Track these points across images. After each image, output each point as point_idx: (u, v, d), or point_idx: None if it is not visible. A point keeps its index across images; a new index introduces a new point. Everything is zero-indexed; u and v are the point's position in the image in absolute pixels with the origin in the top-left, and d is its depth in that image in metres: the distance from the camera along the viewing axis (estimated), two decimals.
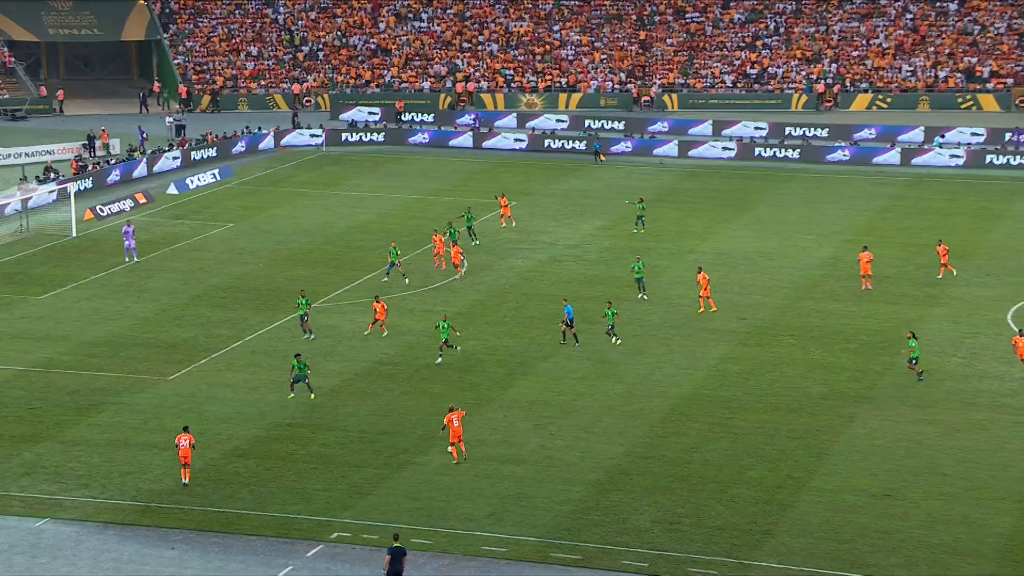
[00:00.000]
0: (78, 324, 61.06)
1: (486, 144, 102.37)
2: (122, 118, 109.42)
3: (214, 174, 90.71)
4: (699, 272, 62.72)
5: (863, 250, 66.31)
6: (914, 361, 53.69)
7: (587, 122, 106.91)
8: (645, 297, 63.54)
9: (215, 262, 71.05)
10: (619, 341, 57.71)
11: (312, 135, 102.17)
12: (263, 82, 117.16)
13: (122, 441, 48.11)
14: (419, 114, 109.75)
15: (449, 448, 46.34)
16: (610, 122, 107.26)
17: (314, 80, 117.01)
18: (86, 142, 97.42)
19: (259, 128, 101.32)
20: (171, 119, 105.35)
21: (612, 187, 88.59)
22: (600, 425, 49.64)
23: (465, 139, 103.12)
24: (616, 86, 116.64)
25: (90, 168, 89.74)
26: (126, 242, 70.93)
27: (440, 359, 55.64)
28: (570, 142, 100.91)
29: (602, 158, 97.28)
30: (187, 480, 44.49)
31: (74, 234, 76.29)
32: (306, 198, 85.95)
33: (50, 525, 42.20)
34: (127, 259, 70.64)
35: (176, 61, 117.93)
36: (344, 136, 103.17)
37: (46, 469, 45.94)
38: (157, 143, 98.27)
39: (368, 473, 45.58)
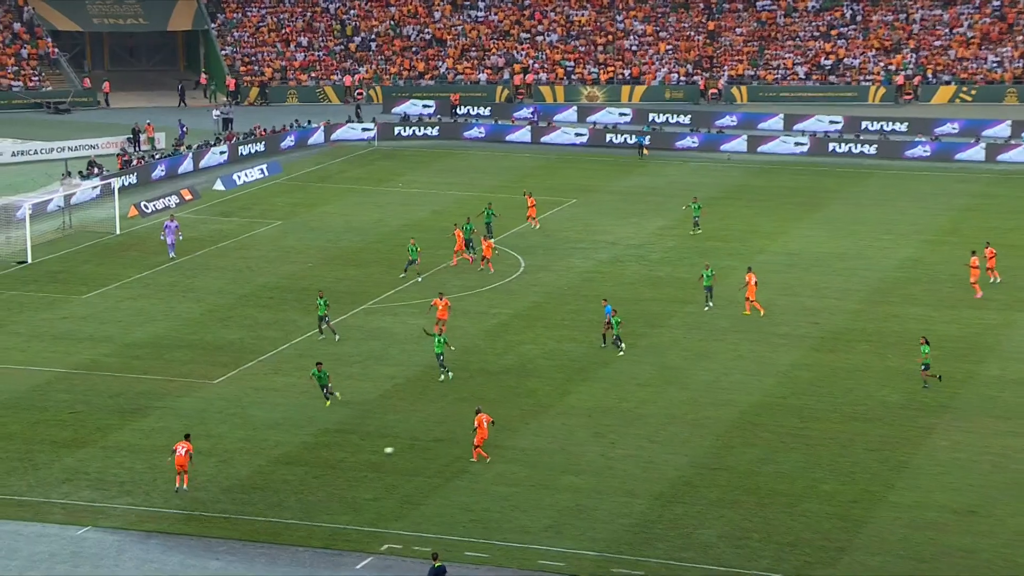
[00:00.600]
0: (122, 325, 60.74)
1: (545, 139, 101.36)
2: (168, 111, 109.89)
3: (262, 169, 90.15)
4: (748, 271, 61.33)
5: (972, 254, 64.56)
6: (927, 367, 52.58)
7: (651, 116, 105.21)
8: (711, 306, 61.97)
9: (263, 261, 70.56)
10: (622, 352, 56.35)
11: (364, 129, 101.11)
12: (313, 74, 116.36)
13: (166, 447, 47.28)
14: (475, 107, 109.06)
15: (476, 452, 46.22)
16: (675, 116, 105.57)
17: (366, 72, 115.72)
18: (131, 136, 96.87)
19: (309, 122, 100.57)
20: (218, 112, 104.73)
21: (676, 184, 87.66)
22: (664, 434, 48.79)
23: (523, 134, 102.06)
24: (682, 78, 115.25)
25: (135, 163, 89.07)
26: (164, 237, 70.41)
27: (451, 374, 53.87)
28: (633, 137, 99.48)
29: (645, 152, 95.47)
30: (184, 486, 43.92)
31: (118, 231, 75.92)
32: (357, 195, 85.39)
33: (92, 533, 41.82)
34: (172, 256, 70.07)
35: (224, 52, 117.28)
36: (397, 130, 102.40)
37: (88, 475, 45.54)
38: (202, 136, 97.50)
39: (420, 482, 44.92)
